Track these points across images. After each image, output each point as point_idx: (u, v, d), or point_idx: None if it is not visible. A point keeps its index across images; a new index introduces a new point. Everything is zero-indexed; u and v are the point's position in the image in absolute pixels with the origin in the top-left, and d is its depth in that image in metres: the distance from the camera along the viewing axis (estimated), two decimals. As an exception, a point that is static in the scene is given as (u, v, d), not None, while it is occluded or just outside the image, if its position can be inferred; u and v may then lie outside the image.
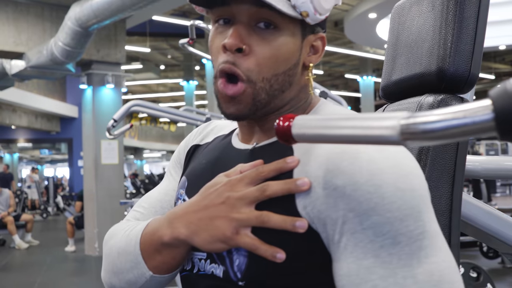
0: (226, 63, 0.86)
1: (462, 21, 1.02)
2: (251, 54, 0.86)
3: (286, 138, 0.70)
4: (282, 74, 0.88)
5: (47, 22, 8.59)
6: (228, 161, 0.95)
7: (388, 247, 0.71)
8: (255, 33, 0.86)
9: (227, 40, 0.85)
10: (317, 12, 0.86)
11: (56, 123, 17.67)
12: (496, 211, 1.19)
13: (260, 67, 0.86)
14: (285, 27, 0.86)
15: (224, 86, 0.87)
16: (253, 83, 0.86)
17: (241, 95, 0.86)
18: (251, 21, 0.86)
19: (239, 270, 0.82)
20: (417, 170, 0.78)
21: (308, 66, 0.93)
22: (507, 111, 0.47)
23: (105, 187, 8.99)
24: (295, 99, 0.93)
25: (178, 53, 17.43)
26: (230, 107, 0.88)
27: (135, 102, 5.09)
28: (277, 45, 0.86)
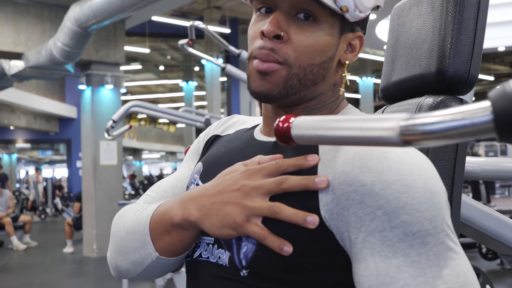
0: (263, 48, 0.87)
1: (462, 23, 1.01)
2: (289, 41, 0.87)
3: (285, 139, 0.70)
4: (317, 66, 0.89)
5: (46, 22, 8.59)
6: (248, 152, 0.95)
7: (417, 246, 0.72)
8: (294, 22, 0.87)
9: (266, 27, 0.86)
10: (357, 8, 0.87)
11: (54, 123, 17.67)
12: (495, 212, 1.19)
13: (298, 54, 0.87)
14: (324, 20, 0.87)
15: (259, 64, 0.88)
16: (289, 66, 0.87)
17: (274, 73, 0.87)
18: (291, 10, 0.87)
19: (245, 257, 0.81)
20: (437, 173, 0.79)
21: (344, 63, 0.94)
22: (506, 112, 0.47)
23: (104, 188, 8.99)
24: (324, 95, 0.94)
25: (177, 53, 17.43)
26: (261, 85, 0.88)
27: (134, 103, 5.09)
28: (314, 36, 0.87)
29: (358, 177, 0.76)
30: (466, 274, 0.72)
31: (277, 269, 0.80)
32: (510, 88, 0.47)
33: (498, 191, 16.17)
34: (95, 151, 8.95)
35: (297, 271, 0.79)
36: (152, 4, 6.48)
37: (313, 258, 0.78)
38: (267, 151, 0.92)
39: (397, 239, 0.72)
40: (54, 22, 8.51)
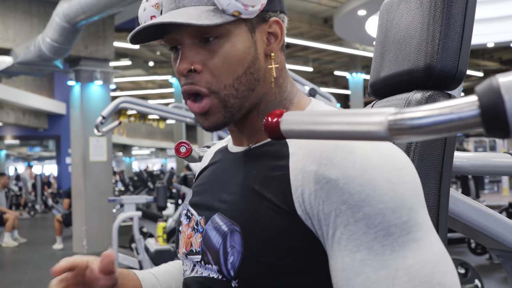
0: (185, 84, 0.89)
1: (450, 18, 1.02)
2: (204, 69, 0.88)
3: (274, 134, 0.70)
4: (243, 75, 0.88)
5: (35, 18, 8.53)
6: (225, 166, 0.99)
7: (381, 238, 0.71)
8: (202, 48, 0.88)
9: (178, 66, 0.89)
10: (247, 6, 0.86)
11: (43, 120, 17.57)
12: (483, 207, 1.20)
13: (217, 77, 0.87)
14: (226, 33, 0.87)
15: (191, 106, 0.90)
16: (216, 93, 0.88)
17: (210, 108, 0.89)
18: (194, 40, 0.88)
19: (233, 267, 0.82)
20: (410, 165, 0.79)
21: (270, 55, 0.92)
22: (493, 106, 0.47)
23: (94, 184, 8.96)
24: (269, 94, 0.93)
25: (167, 49, 17.36)
26: (205, 122, 0.91)
27: (123, 99, 5.08)
28: (224, 52, 0.87)
29: (324, 174, 0.76)
30: (434, 264, 0.71)
31: (266, 275, 0.80)
32: (496, 82, 0.47)
33: (487, 186, 16.28)
34: (84, 147, 8.91)
35: (286, 275, 0.79)
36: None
37: (299, 260, 0.79)
38: (240, 160, 0.95)
39: (361, 232, 0.72)
40: (43, 17, 8.46)
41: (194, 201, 1.00)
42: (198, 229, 0.93)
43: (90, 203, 8.90)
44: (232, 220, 0.86)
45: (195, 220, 0.96)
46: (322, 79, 22.74)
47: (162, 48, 17.17)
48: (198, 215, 0.95)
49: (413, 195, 0.75)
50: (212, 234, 0.88)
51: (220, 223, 0.87)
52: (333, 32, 12.93)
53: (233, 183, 0.92)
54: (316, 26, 13.66)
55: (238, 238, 0.83)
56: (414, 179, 0.77)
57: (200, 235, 0.92)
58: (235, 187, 0.91)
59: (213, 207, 0.92)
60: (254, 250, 0.81)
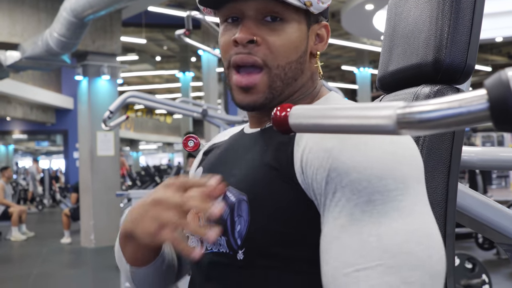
0: (239, 53, 0.91)
1: (459, 12, 1.01)
2: (263, 44, 0.90)
3: (283, 128, 0.70)
4: (295, 62, 0.92)
5: (42, 12, 8.55)
6: (238, 146, 1.01)
7: (362, 204, 0.72)
8: (264, 26, 0.90)
9: (238, 35, 0.89)
10: (319, 0, 0.92)
11: (51, 114, 17.63)
12: (491, 201, 1.19)
13: (275, 54, 0.90)
14: (290, 18, 0.91)
15: (238, 78, 0.91)
16: (269, 69, 0.91)
17: (257, 84, 0.91)
18: (258, 15, 0.90)
19: (240, 236, 0.84)
20: (409, 142, 0.79)
21: (315, 54, 0.97)
22: (502, 100, 0.47)
23: (101, 179, 8.98)
24: (305, 87, 0.97)
25: (174, 44, 17.38)
26: (246, 98, 0.92)
27: (130, 94, 5.09)
28: (286, 35, 0.91)
29: (321, 144, 0.78)
30: (409, 234, 0.70)
31: (272, 244, 0.82)
32: (505, 76, 0.47)
33: (495, 181, 16.21)
34: (92, 142, 8.94)
35: (292, 244, 0.81)
36: (148, -6, 6.45)
37: (304, 229, 0.81)
38: (256, 138, 0.96)
39: (345, 199, 0.73)
40: (50, 12, 8.47)
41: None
42: None
43: (97, 197, 8.93)
44: (240, 191, 0.87)
45: None
46: (329, 74, 22.69)
47: (169, 43, 17.20)
48: None
49: (407, 167, 0.75)
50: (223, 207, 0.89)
51: (229, 195, 0.89)
52: (340, 27, 12.89)
53: (246, 158, 0.94)
54: (323, 21, 13.61)
55: (245, 207, 0.85)
56: (410, 153, 0.78)
57: None
58: (247, 162, 0.93)
59: (227, 182, 0.92)
60: (260, 218, 0.83)
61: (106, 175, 9.05)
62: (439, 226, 0.93)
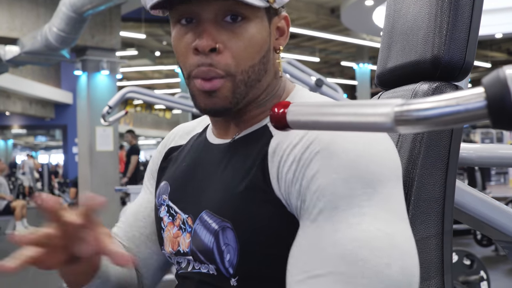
0: (202, 66, 0.83)
1: (458, 9, 1.01)
2: (226, 50, 0.83)
3: (281, 125, 0.70)
4: (258, 63, 0.86)
5: (41, 7, 8.54)
6: (208, 160, 0.94)
7: (326, 211, 0.71)
8: (224, 28, 0.83)
9: (199, 42, 0.82)
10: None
11: (50, 109, 17.61)
12: (489, 198, 1.19)
13: (237, 61, 0.83)
14: (252, 16, 0.83)
15: (201, 83, 0.84)
16: (232, 76, 0.84)
17: (219, 89, 0.84)
18: (217, 16, 0.82)
19: (231, 265, 0.81)
20: (388, 142, 0.77)
21: (277, 49, 0.91)
22: (500, 98, 0.47)
23: (100, 174, 8.99)
24: (270, 86, 0.92)
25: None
26: (209, 101, 0.85)
27: (130, 89, 5.08)
28: (249, 37, 0.83)
29: (294, 150, 0.77)
30: (364, 243, 0.68)
31: (264, 268, 0.80)
32: (503, 74, 0.47)
33: (493, 178, 16.23)
34: (91, 137, 8.94)
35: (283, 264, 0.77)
36: (148, -11, 6.43)
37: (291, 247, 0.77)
38: (225, 152, 0.91)
39: (312, 206, 0.72)
40: (49, 7, 8.46)
41: (175, 197, 0.96)
42: (186, 228, 0.90)
43: (96, 192, 8.83)
44: (221, 217, 0.83)
45: (181, 219, 0.92)
46: (329, 70, 22.68)
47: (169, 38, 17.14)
48: (184, 213, 0.92)
49: (380, 169, 0.73)
50: (202, 234, 0.85)
51: (209, 221, 0.84)
52: (340, 22, 12.87)
53: (218, 177, 0.89)
54: (323, 16, 13.60)
55: (231, 235, 0.81)
56: (386, 154, 0.75)
57: (189, 235, 0.89)
58: (221, 182, 0.87)
59: (200, 205, 0.88)
60: (249, 244, 0.79)
61: (105, 170, 9.06)
62: (437, 223, 0.92)
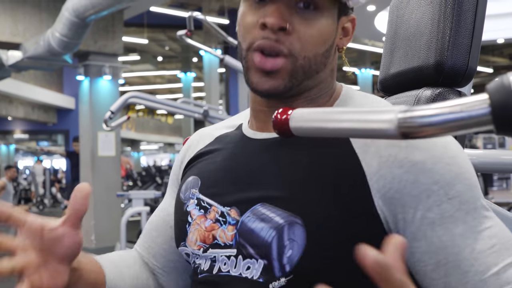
0: (266, 39, 0.82)
1: (460, 15, 1.01)
2: (294, 33, 0.83)
3: (283, 131, 0.70)
4: (321, 55, 0.86)
5: (44, 12, 8.56)
6: (251, 155, 0.91)
7: (472, 212, 0.75)
8: (296, 12, 0.83)
9: (269, 18, 0.81)
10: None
11: (53, 114, 17.62)
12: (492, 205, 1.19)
13: (303, 46, 0.83)
14: (324, 7, 0.84)
15: (261, 60, 0.83)
16: (294, 58, 0.83)
17: (279, 69, 0.83)
18: (291, 0, 0.83)
19: (289, 262, 0.77)
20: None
21: (341, 48, 0.92)
22: (504, 105, 0.47)
23: (102, 179, 8.97)
24: (324, 83, 0.91)
25: (175, 44, 17.38)
26: (266, 83, 0.84)
27: (132, 94, 5.08)
28: (318, 26, 0.84)
29: (408, 157, 0.76)
30: (506, 230, 0.77)
31: (325, 272, 0.77)
32: (508, 81, 0.47)
33: (496, 183, 16.19)
34: (93, 142, 8.93)
35: (346, 271, 0.75)
36: (150, -6, 6.45)
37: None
38: (274, 148, 0.88)
39: (455, 209, 0.75)
40: (52, 12, 8.47)
41: (213, 192, 0.91)
42: (228, 221, 0.85)
43: (98, 197, 8.92)
44: (290, 212, 0.79)
45: (218, 212, 0.87)
46: (331, 75, 22.68)
47: (171, 43, 17.21)
48: (223, 206, 0.87)
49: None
50: (257, 226, 0.81)
51: (270, 215, 0.80)
52: (342, 28, 12.87)
53: (278, 170, 0.85)
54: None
55: (300, 232, 0.77)
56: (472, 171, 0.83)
57: (233, 227, 0.84)
58: (284, 175, 0.84)
59: (251, 197, 0.84)
60: (320, 244, 0.77)
61: (107, 175, 9.04)
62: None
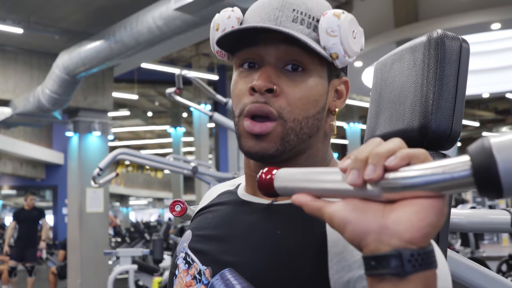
0: (256, 102, 0.83)
1: (443, 79, 1.03)
2: (282, 94, 0.83)
3: (268, 191, 0.70)
4: (312, 118, 0.86)
5: (35, 69, 8.63)
6: (237, 217, 0.92)
7: None
8: (284, 75, 0.84)
9: (256, 82, 0.83)
10: (346, 54, 0.86)
11: (41, 170, 17.53)
12: (480, 267, 1.18)
13: (292, 107, 0.84)
14: (313, 69, 0.85)
15: (251, 124, 0.84)
16: (284, 121, 0.84)
17: (270, 133, 0.84)
18: (278, 63, 0.84)
19: None
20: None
21: (333, 111, 0.91)
22: (485, 167, 0.48)
23: (90, 236, 8.86)
24: (314, 148, 0.90)
25: (165, 100, 17.52)
26: (256, 146, 0.85)
27: (121, 151, 5.08)
28: (307, 87, 0.84)
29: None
30: None
31: None
32: (488, 143, 0.48)
33: (487, 237, 16.15)
34: (81, 198, 8.87)
35: None
36: (140, 52, 6.55)
37: None
38: (259, 214, 0.89)
39: None
40: (43, 69, 8.56)
41: (197, 248, 0.92)
42: (202, 280, 0.87)
43: (85, 255, 8.79)
44: (249, 283, 0.80)
45: (197, 269, 0.89)
46: (320, 129, 22.89)
47: (161, 99, 17.35)
48: (202, 264, 0.89)
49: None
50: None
51: (233, 282, 0.81)
52: (330, 83, 13.06)
53: (252, 239, 0.86)
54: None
55: None
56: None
57: (204, 287, 0.86)
58: (255, 244, 0.85)
59: (223, 261, 0.85)
60: None
61: (94, 232, 8.94)
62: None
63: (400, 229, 0.55)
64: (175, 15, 5.31)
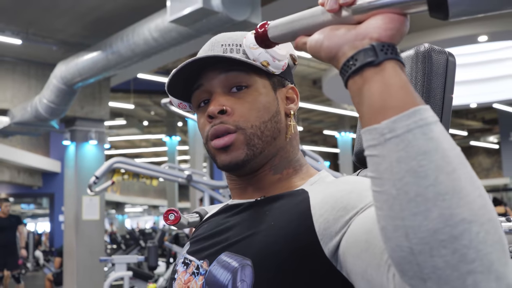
0: (214, 125, 0.94)
1: (430, 92, 1.06)
2: (234, 112, 0.95)
3: (265, 42, 0.78)
4: (269, 121, 0.96)
5: (33, 79, 8.69)
6: (229, 215, 1.00)
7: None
8: (231, 96, 0.96)
9: (209, 108, 0.95)
10: (275, 59, 0.97)
11: (38, 178, 17.50)
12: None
13: (246, 118, 0.94)
14: (254, 83, 0.97)
15: (216, 141, 0.95)
16: (243, 130, 0.94)
17: (234, 142, 0.94)
18: (224, 89, 0.96)
19: None
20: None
21: (290, 114, 1.01)
22: None
23: (86, 243, 8.89)
24: (284, 150, 1.00)
25: (161, 109, 17.57)
26: (226, 157, 0.95)
27: (117, 159, 5.14)
28: (253, 99, 0.96)
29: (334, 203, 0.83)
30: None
31: None
32: None
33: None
34: (77, 206, 8.90)
35: None
36: (136, 63, 6.62)
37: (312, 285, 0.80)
38: (248, 209, 0.96)
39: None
40: (40, 79, 8.61)
41: (193, 249, 1.00)
42: (200, 272, 0.92)
43: (81, 262, 8.82)
44: (243, 256, 0.85)
45: (195, 265, 0.95)
46: (312, 138, 22.91)
47: (157, 108, 17.39)
48: (199, 259, 0.95)
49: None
50: (218, 273, 0.87)
51: (229, 261, 0.87)
52: (322, 93, 13.11)
53: (243, 225, 0.93)
54: (305, 87, 13.88)
55: (249, 272, 0.83)
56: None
57: (202, 277, 0.90)
58: (246, 227, 0.91)
59: (219, 249, 0.91)
60: (265, 282, 0.81)
61: (90, 239, 8.96)
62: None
63: (370, 31, 0.65)
64: (171, 27, 5.39)
